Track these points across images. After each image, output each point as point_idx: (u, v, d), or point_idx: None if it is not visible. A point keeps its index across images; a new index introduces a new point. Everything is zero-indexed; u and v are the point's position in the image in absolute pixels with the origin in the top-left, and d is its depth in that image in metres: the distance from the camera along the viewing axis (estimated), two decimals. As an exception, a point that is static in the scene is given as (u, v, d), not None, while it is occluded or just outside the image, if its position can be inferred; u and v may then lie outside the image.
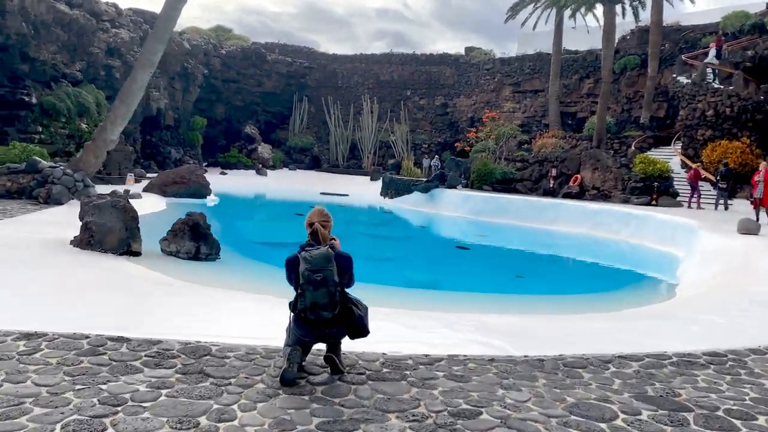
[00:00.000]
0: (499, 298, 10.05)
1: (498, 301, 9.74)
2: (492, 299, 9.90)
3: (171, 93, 37.05)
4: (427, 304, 8.52)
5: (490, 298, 9.96)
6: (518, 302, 9.65)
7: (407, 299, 8.99)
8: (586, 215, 20.74)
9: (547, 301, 9.90)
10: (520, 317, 6.63)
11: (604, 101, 30.05)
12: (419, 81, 48.69)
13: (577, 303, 9.50)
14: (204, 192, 21.97)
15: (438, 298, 9.43)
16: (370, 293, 9.75)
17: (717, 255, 11.37)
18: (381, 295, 8.95)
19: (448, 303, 8.82)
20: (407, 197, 27.87)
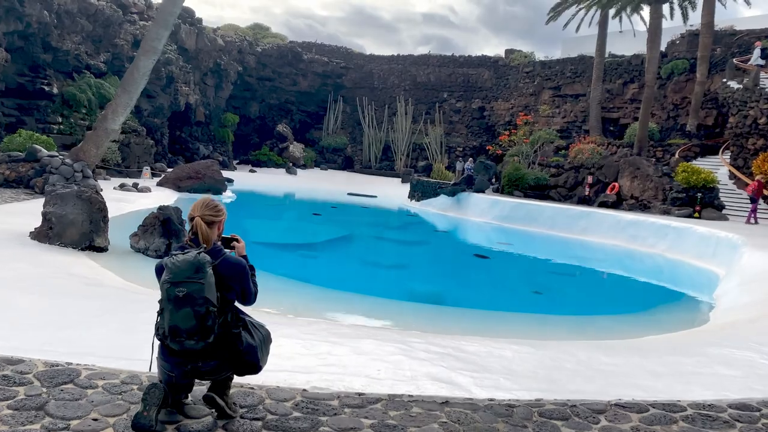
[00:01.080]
0: (506, 318, 8.92)
1: (502, 320, 8.62)
2: (497, 318, 8.79)
3: (203, 89, 36.79)
4: (415, 321, 7.48)
5: (495, 317, 8.84)
6: (525, 323, 8.50)
7: (396, 314, 7.97)
8: (621, 226, 19.27)
9: (560, 323, 8.71)
10: (507, 343, 5.52)
11: (647, 106, 28.33)
12: (456, 83, 47.44)
13: (593, 326, 8.31)
14: (219, 188, 21.32)
15: (432, 315, 8.36)
16: (360, 305, 8.87)
17: (761, 276, 9.96)
18: (369, 308, 7.98)
19: (439, 321, 7.78)
20: (434, 200, 26.75)
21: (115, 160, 22.64)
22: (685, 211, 21.78)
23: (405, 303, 8.93)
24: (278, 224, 16.91)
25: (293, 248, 13.09)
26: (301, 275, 10.21)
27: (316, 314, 6.97)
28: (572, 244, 19.56)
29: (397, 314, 7.91)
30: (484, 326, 7.80)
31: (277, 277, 9.27)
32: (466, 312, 8.81)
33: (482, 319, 8.43)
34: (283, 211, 21.06)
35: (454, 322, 7.75)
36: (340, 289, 9.34)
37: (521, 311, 9.60)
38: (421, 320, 7.60)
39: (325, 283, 9.77)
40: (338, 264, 12.05)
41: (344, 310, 7.79)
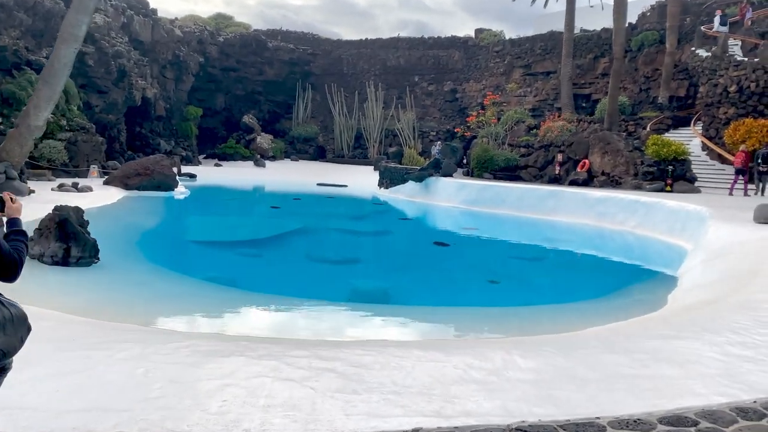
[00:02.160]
0: (446, 314, 8.09)
1: (441, 318, 7.80)
2: (435, 315, 7.95)
3: (162, 82, 35.52)
4: (331, 326, 6.63)
5: (434, 314, 8.00)
6: (465, 319, 7.70)
7: (313, 319, 7.11)
8: (589, 204, 18.54)
9: (504, 316, 7.91)
10: (415, 349, 4.66)
11: (616, 79, 27.59)
12: (427, 66, 46.48)
13: (537, 317, 7.52)
14: (170, 184, 20.28)
15: (356, 318, 7.50)
16: (276, 311, 7.92)
17: (726, 252, 9.21)
18: (283, 316, 7.08)
19: (362, 324, 6.92)
20: (402, 187, 25.88)
21: (62, 160, 21.49)
22: (656, 185, 21.11)
23: (334, 305, 8.02)
24: (226, 221, 15.92)
25: (233, 247, 12.13)
26: (229, 277, 9.27)
27: (205, 325, 6.10)
28: (540, 225, 18.81)
29: (315, 319, 7.05)
30: (415, 327, 6.98)
31: (193, 279, 8.39)
32: (403, 311, 7.95)
33: (418, 318, 7.58)
34: (238, 207, 20.07)
35: (378, 325, 6.91)
36: (267, 291, 8.40)
37: (470, 305, 8.76)
38: (341, 324, 6.75)
39: (251, 285, 8.85)
40: (278, 262, 11.11)
41: (244, 320, 6.88)
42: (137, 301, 7.00)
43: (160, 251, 11.15)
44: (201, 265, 10.06)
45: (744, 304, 6.14)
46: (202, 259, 10.83)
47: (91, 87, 25.99)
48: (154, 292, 7.64)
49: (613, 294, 9.25)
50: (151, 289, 7.75)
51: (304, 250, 12.56)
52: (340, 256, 11.76)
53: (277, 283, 9.21)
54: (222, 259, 10.91)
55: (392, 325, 6.98)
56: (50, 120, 22.07)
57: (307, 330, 6.51)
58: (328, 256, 11.70)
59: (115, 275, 8.21)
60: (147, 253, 10.24)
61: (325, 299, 8.29)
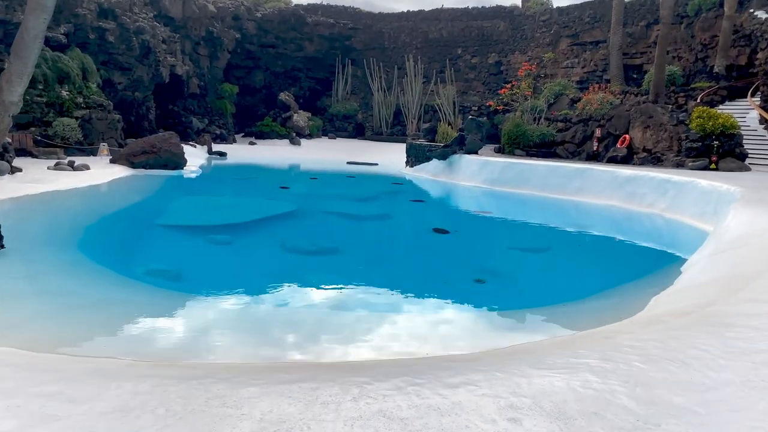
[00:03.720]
0: (413, 322, 6.92)
1: (398, 327, 6.65)
2: (403, 324, 6.81)
3: (195, 59, 35.18)
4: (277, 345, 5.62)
5: (402, 322, 6.85)
6: (419, 329, 6.53)
7: (253, 333, 6.09)
8: (618, 183, 16.82)
9: (477, 322, 6.71)
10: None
11: (663, 46, 25.23)
12: (471, 37, 44.52)
13: (530, 323, 6.32)
14: (177, 162, 19.70)
15: (302, 328, 6.43)
16: (207, 323, 6.95)
17: (739, 243, 7.66)
18: (221, 327, 6.14)
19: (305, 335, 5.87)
20: (426, 165, 24.59)
21: (76, 138, 21.29)
22: (700, 163, 19.06)
23: (263, 311, 6.96)
24: (217, 202, 15.02)
25: (203, 232, 11.20)
26: (171, 271, 8.24)
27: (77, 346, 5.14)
28: (564, 207, 17.23)
29: (234, 332, 6.02)
30: (370, 340, 5.91)
31: (114, 275, 7.50)
32: (348, 319, 6.80)
33: (350, 331, 6.47)
34: (245, 187, 19.23)
35: (292, 344, 5.84)
36: (203, 291, 7.37)
37: (436, 311, 7.51)
38: (265, 341, 5.72)
39: (191, 282, 7.84)
40: (242, 253, 10.10)
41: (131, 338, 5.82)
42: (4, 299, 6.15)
43: (104, 237, 10.37)
44: (144, 256, 9.16)
45: (722, 319, 4.75)
46: (151, 247, 9.92)
47: (113, 64, 25.73)
48: (38, 289, 6.77)
49: (596, 295, 7.83)
50: (35, 285, 6.89)
51: (281, 237, 11.52)
52: (315, 246, 10.66)
53: (224, 280, 8.19)
54: (178, 248, 9.95)
55: (305, 343, 5.90)
56: (66, 97, 21.97)
57: (225, 348, 5.53)
58: (302, 246, 10.62)
59: (5, 266, 7.36)
60: (85, 240, 9.42)
61: (261, 302, 7.22)
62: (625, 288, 8.05)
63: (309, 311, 7.12)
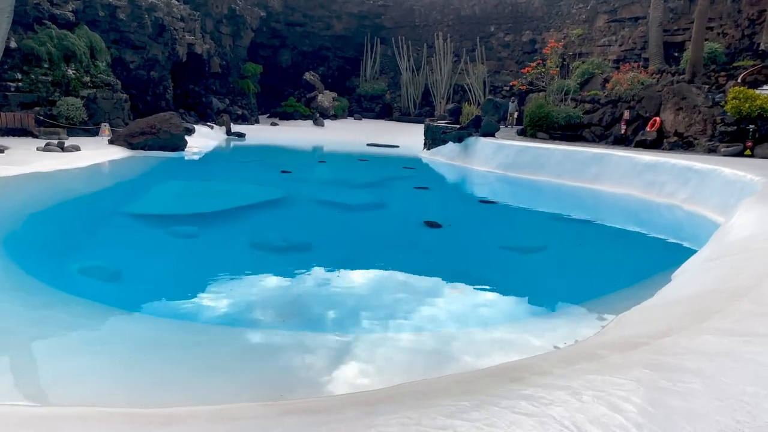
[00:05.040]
0: (353, 348, 5.99)
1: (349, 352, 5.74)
2: (349, 350, 5.90)
3: (217, 38, 34.59)
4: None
5: (349, 348, 5.94)
6: (367, 355, 5.62)
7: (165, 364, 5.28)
8: (637, 171, 15.42)
9: (445, 343, 5.75)
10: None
11: (702, 20, 23.32)
12: (504, 14, 42.74)
13: (458, 348, 5.33)
14: (177, 143, 19.10)
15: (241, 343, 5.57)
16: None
17: (740, 248, 6.46)
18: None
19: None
20: (442, 148, 23.45)
21: (80, 117, 20.93)
22: (733, 149, 17.44)
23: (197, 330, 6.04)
24: (204, 188, 14.08)
25: (171, 222, 10.40)
26: (108, 271, 7.54)
27: None
28: (577, 196, 15.95)
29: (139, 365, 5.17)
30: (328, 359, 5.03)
31: (27, 278, 6.74)
32: (287, 343, 5.87)
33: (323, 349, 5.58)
34: (245, 170, 18.41)
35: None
36: (139, 306, 6.49)
37: (414, 329, 6.47)
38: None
39: (131, 292, 6.99)
40: (204, 249, 9.25)
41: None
42: None
43: (45, 228, 9.67)
44: (82, 255, 8.35)
45: (669, 359, 3.70)
46: (96, 243, 9.05)
47: (125, 42, 25.29)
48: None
49: (562, 310, 6.73)
50: None
51: (253, 230, 10.69)
52: (285, 242, 9.73)
53: (164, 288, 7.33)
54: (128, 244, 9.02)
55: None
56: (72, 76, 21.62)
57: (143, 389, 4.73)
58: (271, 241, 9.69)
59: None
60: (17, 233, 8.75)
61: (195, 317, 6.31)
62: (600, 301, 6.92)
63: (249, 332, 6.14)
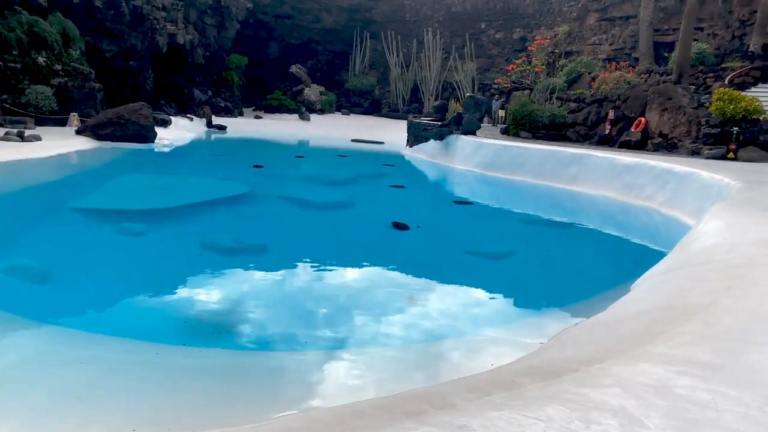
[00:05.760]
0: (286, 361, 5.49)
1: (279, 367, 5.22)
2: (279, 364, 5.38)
3: (201, 28, 33.92)
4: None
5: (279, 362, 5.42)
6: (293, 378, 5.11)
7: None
8: (616, 172, 14.96)
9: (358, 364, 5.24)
10: None
11: (690, 20, 22.88)
12: (495, 11, 42.24)
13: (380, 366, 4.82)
14: (146, 135, 18.51)
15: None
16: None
17: (701, 260, 5.99)
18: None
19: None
20: (424, 145, 22.94)
21: (50, 107, 20.30)
22: (717, 151, 17.01)
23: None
24: (165, 182, 13.47)
25: (121, 218, 9.81)
26: (41, 273, 7.02)
27: None
28: (554, 197, 15.49)
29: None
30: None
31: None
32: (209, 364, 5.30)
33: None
34: (215, 165, 17.80)
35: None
36: (68, 316, 5.97)
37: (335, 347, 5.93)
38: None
39: (65, 293, 6.49)
40: (150, 247, 8.71)
41: None
42: None
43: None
44: (11, 250, 7.85)
45: (599, 387, 3.24)
46: (34, 238, 8.54)
47: (101, 31, 24.65)
48: None
49: (513, 324, 6.24)
50: None
51: (207, 228, 10.12)
52: (237, 243, 9.19)
53: (103, 290, 6.81)
54: (69, 241, 8.54)
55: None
56: (42, 64, 20.97)
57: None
58: (222, 242, 9.13)
59: None
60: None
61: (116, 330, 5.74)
62: (554, 314, 6.45)
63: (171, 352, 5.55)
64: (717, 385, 3.24)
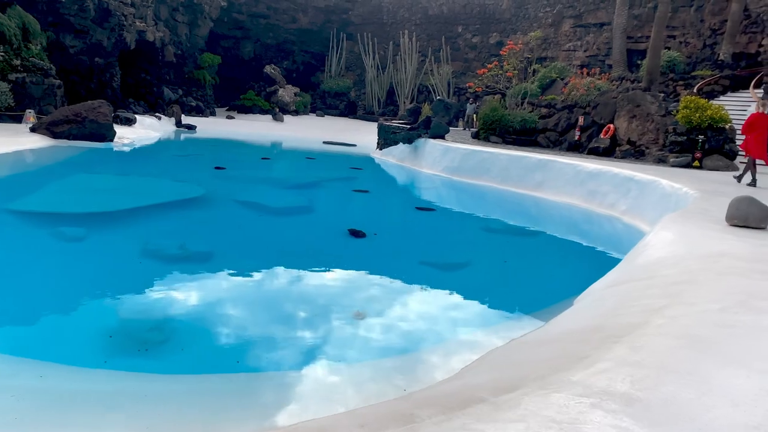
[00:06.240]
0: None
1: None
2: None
3: (172, 26, 33.34)
4: None
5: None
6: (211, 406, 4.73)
7: None
8: (580, 179, 14.77)
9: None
10: None
11: (660, 28, 22.90)
12: (472, 15, 42.09)
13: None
14: (104, 133, 17.96)
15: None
16: None
17: (644, 274, 5.74)
18: None
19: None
20: (394, 149, 22.67)
21: (5, 103, 19.66)
22: (683, 159, 16.96)
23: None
24: (110, 183, 12.96)
25: (60, 221, 9.35)
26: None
27: None
28: (519, 204, 15.27)
29: None
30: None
31: None
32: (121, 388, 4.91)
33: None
34: (171, 165, 17.19)
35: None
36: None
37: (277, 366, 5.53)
38: None
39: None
40: (87, 253, 8.26)
41: None
42: None
43: None
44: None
45: (500, 422, 2.94)
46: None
47: (64, 26, 24.01)
48: None
49: (450, 342, 5.92)
50: None
51: (152, 232, 9.72)
52: (182, 250, 8.75)
53: (29, 298, 6.39)
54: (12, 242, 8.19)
55: None
56: (0, 59, 20.33)
57: None
58: (165, 248, 8.70)
59: None
60: None
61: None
62: (494, 330, 6.15)
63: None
64: (629, 421, 2.96)
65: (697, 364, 3.38)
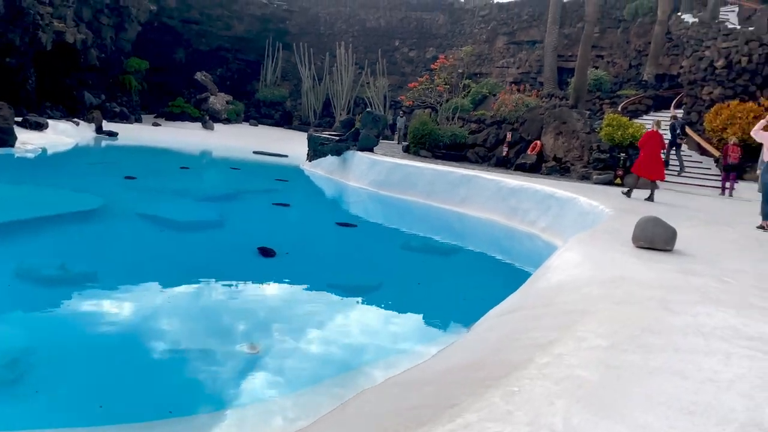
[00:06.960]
0: None
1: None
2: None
3: (96, 28, 31.79)
4: None
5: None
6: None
7: None
8: (502, 196, 14.58)
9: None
10: None
11: (586, 47, 23.27)
12: (409, 29, 42.16)
13: None
14: (6, 139, 16.73)
15: None
16: None
17: (542, 301, 5.35)
18: None
19: None
20: (323, 160, 22.10)
21: None
22: (605, 176, 17.06)
23: None
24: (1, 192, 12.11)
25: None
26: None
27: None
28: (442, 220, 14.95)
29: None
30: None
31: None
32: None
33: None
34: (78, 174, 16.10)
35: None
36: None
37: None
38: None
39: None
40: None
41: None
42: None
43: None
44: None
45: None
46: None
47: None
48: None
49: (340, 377, 5.39)
50: None
51: (37, 248, 8.82)
52: (65, 271, 7.91)
53: None
54: None
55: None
56: None
57: None
58: (47, 269, 7.87)
59: None
60: None
61: None
62: (388, 363, 5.64)
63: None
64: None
65: (571, 419, 2.93)
